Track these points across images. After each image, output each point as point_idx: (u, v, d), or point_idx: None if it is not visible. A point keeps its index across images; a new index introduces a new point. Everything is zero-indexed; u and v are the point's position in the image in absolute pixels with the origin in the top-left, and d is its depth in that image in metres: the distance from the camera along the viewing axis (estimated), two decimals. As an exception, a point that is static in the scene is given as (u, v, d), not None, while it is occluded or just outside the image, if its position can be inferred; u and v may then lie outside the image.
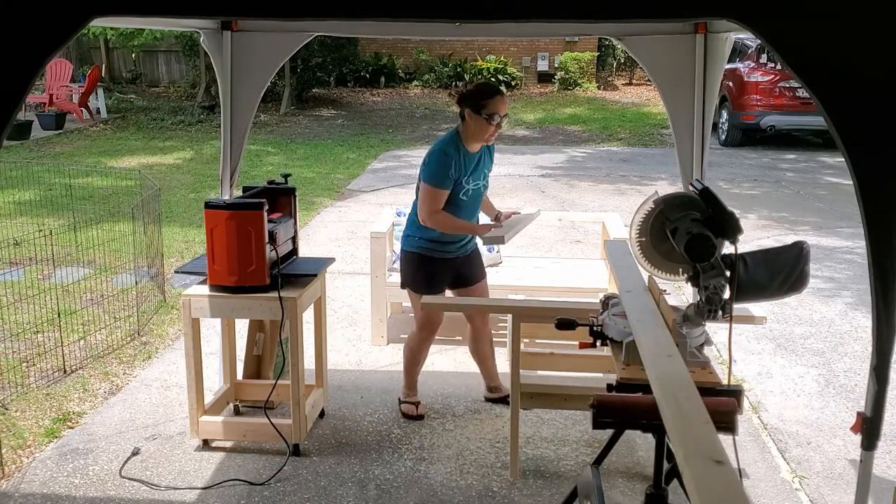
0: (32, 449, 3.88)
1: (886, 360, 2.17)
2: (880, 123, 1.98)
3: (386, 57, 20.17)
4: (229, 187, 4.24)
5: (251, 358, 4.32)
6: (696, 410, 1.76)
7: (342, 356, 5.04)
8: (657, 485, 2.53)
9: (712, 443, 1.61)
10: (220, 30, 4.00)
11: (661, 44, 3.95)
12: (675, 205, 2.83)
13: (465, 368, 4.86)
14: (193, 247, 7.27)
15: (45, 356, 4.89)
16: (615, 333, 2.82)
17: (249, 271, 3.57)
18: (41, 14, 1.97)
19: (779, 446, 3.99)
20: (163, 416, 4.22)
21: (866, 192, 2.03)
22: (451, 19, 2.81)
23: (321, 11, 2.11)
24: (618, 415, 2.30)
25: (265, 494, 3.50)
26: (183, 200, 9.31)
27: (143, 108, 16.84)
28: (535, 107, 17.91)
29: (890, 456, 3.88)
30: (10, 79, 2.00)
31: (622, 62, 21.73)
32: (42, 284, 6.07)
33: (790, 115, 12.80)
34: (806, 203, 9.56)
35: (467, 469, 3.72)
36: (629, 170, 11.65)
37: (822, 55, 1.95)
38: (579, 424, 4.13)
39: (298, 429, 3.76)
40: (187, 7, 2.11)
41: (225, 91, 4.09)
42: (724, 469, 1.52)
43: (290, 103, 17.17)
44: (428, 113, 17.36)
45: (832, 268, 6.90)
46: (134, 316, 5.48)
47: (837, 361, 5.01)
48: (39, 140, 13.50)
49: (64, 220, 7.80)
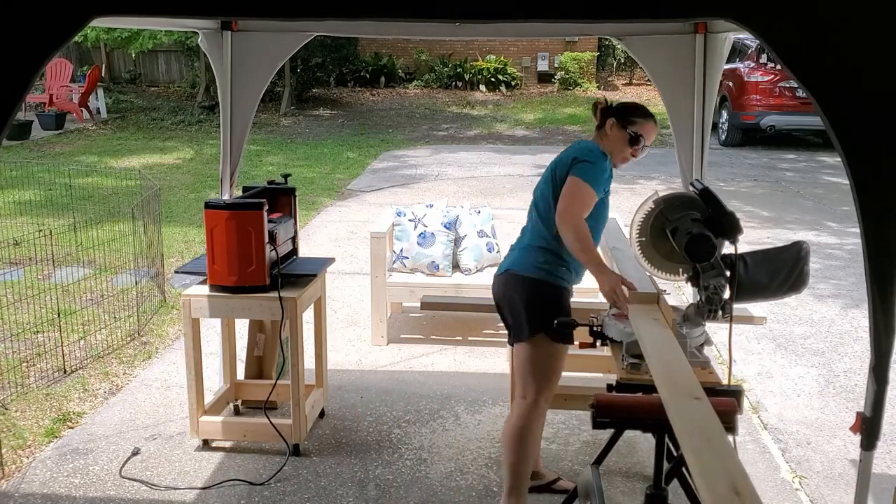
0: (32, 449, 3.88)
1: (885, 360, 2.17)
2: (878, 124, 1.98)
3: (386, 57, 20.17)
4: (229, 187, 4.25)
5: (253, 359, 4.33)
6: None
7: (342, 356, 5.04)
8: (657, 485, 2.54)
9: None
10: (220, 30, 4.00)
11: (661, 44, 3.95)
12: (674, 205, 2.83)
13: (465, 368, 4.87)
14: (193, 247, 7.27)
15: (45, 356, 4.89)
16: (615, 333, 2.82)
17: (249, 271, 3.57)
18: (41, 14, 1.96)
19: (779, 446, 3.99)
20: (163, 416, 4.22)
21: (863, 193, 2.03)
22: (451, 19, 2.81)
23: (321, 11, 2.11)
24: (618, 415, 2.30)
25: (265, 494, 3.50)
26: (183, 200, 9.31)
27: (143, 108, 16.84)
28: (535, 107, 17.91)
29: (890, 456, 3.88)
30: (9, 79, 2.00)
31: (622, 62, 21.74)
32: (42, 284, 6.07)
33: (790, 115, 12.80)
34: (806, 203, 9.56)
35: (467, 469, 3.72)
36: (629, 169, 11.64)
37: (819, 55, 1.95)
38: (579, 424, 4.13)
39: (298, 429, 3.76)
40: (187, 7, 2.11)
41: (224, 91, 4.09)
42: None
43: (289, 103, 17.17)
44: (428, 113, 17.36)
45: (833, 267, 6.90)
46: (134, 316, 5.48)
47: (837, 361, 5.02)
48: (39, 140, 13.50)
49: (64, 220, 7.80)
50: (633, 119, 3.13)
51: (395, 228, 5.29)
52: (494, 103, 18.36)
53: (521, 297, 3.05)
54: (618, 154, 3.15)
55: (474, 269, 5.22)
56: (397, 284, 5.16)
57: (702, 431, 1.79)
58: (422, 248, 5.16)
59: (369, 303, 5.24)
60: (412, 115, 17.07)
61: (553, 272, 3.05)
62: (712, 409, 1.91)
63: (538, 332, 3.00)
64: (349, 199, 9.71)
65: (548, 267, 3.04)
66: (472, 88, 19.67)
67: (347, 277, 6.55)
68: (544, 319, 2.94)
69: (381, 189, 10.28)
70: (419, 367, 4.91)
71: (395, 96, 19.30)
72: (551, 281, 3.05)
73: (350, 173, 11.28)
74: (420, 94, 19.46)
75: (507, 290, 3.10)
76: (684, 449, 1.76)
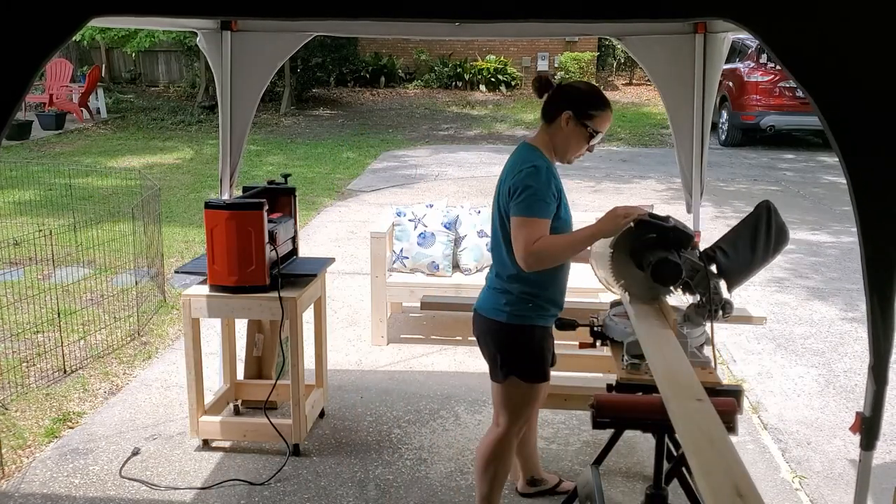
0: (32, 449, 3.88)
1: (884, 360, 2.17)
2: (875, 124, 1.98)
3: (386, 57, 20.17)
4: (229, 187, 4.25)
5: (251, 359, 4.32)
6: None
7: (342, 356, 5.04)
8: (657, 485, 2.54)
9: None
10: (219, 30, 4.00)
11: (661, 44, 3.95)
12: (626, 242, 2.76)
13: (465, 368, 4.87)
14: (193, 247, 7.27)
15: (45, 356, 4.89)
16: (616, 334, 2.82)
17: (249, 271, 3.57)
18: (40, 13, 1.96)
19: (779, 446, 3.99)
20: (163, 416, 4.22)
21: (860, 193, 2.03)
22: (451, 19, 2.81)
23: (321, 11, 2.11)
24: (618, 415, 2.30)
25: (265, 494, 3.50)
26: (183, 200, 9.31)
27: (142, 108, 16.84)
28: (536, 107, 17.88)
29: (890, 456, 3.88)
30: (8, 78, 2.00)
31: (622, 62, 21.74)
32: (42, 284, 6.07)
33: (790, 115, 12.80)
34: (806, 203, 9.55)
35: (467, 469, 3.72)
36: (629, 170, 11.64)
37: (818, 55, 1.95)
38: (579, 424, 4.13)
39: (298, 429, 3.76)
40: (187, 7, 2.11)
41: (224, 91, 4.09)
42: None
43: (289, 103, 17.17)
44: (428, 113, 17.36)
45: (833, 267, 6.90)
46: (134, 316, 5.48)
47: (837, 361, 5.02)
48: (39, 140, 13.50)
49: (64, 220, 7.80)
50: (591, 113, 2.82)
51: (395, 228, 5.29)
52: (494, 103, 18.36)
53: (492, 341, 2.94)
54: (573, 150, 2.89)
55: (474, 269, 5.22)
56: (397, 284, 5.16)
57: (704, 432, 1.79)
58: (422, 248, 5.16)
59: (369, 303, 5.25)
60: (412, 115, 17.07)
61: (517, 313, 2.86)
62: (714, 411, 1.92)
63: (510, 376, 2.91)
64: (349, 199, 9.71)
65: (509, 309, 2.87)
66: (472, 88, 19.67)
67: (347, 277, 6.54)
68: (516, 364, 2.89)
69: (381, 189, 10.28)
70: (419, 367, 4.91)
71: (395, 96, 19.29)
72: (518, 323, 2.87)
73: (350, 173, 11.28)
74: (420, 94, 19.45)
75: (480, 332, 3.00)
76: (686, 450, 1.76)
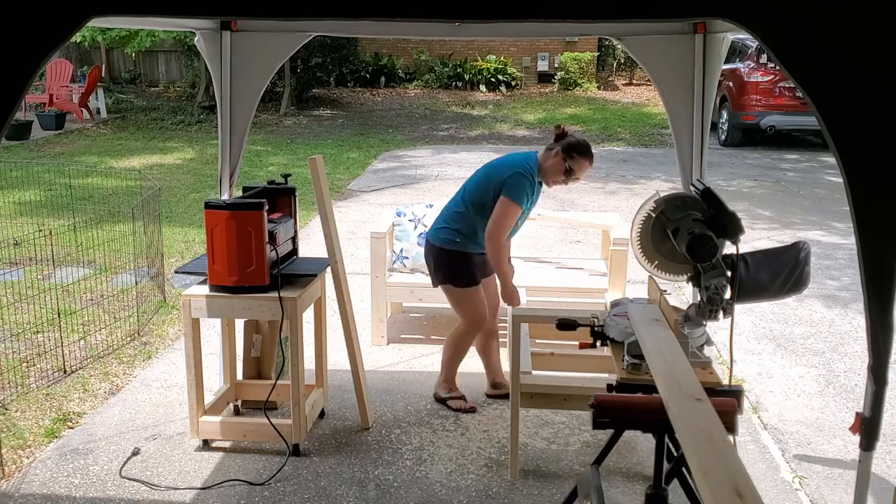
0: (32, 449, 3.88)
1: (883, 360, 2.17)
2: (873, 123, 1.98)
3: (386, 57, 20.17)
4: (229, 187, 4.25)
5: (250, 360, 4.32)
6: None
7: (342, 356, 5.02)
8: (657, 485, 2.53)
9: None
10: (219, 30, 4.00)
11: (661, 44, 3.95)
12: (675, 205, 2.83)
13: (465, 368, 4.85)
14: (193, 247, 7.27)
15: (45, 356, 4.89)
16: (616, 334, 2.82)
17: (249, 271, 3.57)
18: (39, 13, 1.96)
19: (779, 446, 3.99)
20: (163, 416, 4.22)
21: (857, 191, 2.03)
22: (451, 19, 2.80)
23: (321, 11, 2.11)
24: (618, 415, 2.30)
25: (265, 494, 3.50)
26: (183, 200, 9.31)
27: (142, 108, 16.84)
28: (536, 107, 17.91)
29: (890, 456, 3.88)
30: (7, 78, 2.00)
31: (622, 62, 21.74)
32: (42, 284, 6.07)
33: (790, 115, 12.79)
34: (806, 203, 9.56)
35: (467, 469, 3.72)
36: (629, 170, 11.65)
37: (816, 55, 1.95)
38: (579, 424, 4.13)
39: (298, 429, 3.76)
40: (187, 7, 2.11)
41: (224, 91, 4.09)
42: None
43: (289, 103, 17.17)
44: (428, 113, 17.36)
45: (833, 267, 6.90)
46: (134, 316, 5.48)
47: (837, 361, 5.01)
48: (39, 140, 13.50)
49: (64, 220, 7.79)
50: (573, 155, 3.91)
51: (395, 228, 5.29)
52: (495, 103, 18.36)
53: (432, 259, 4.20)
54: (552, 176, 3.98)
55: (474, 269, 5.22)
56: (397, 284, 5.16)
57: (704, 432, 1.79)
58: (422, 248, 5.15)
59: (369, 303, 5.25)
60: (412, 116, 17.07)
61: (452, 242, 4.09)
62: (714, 411, 1.91)
63: (445, 283, 4.16)
64: (349, 200, 9.71)
65: (448, 239, 4.10)
66: (473, 88, 19.67)
67: (347, 277, 6.52)
68: (447, 274, 4.14)
69: (382, 189, 10.28)
70: (419, 367, 4.91)
71: (396, 96, 19.30)
72: (450, 248, 4.10)
73: (350, 173, 11.28)
74: (420, 94, 19.46)
75: (426, 255, 4.26)
76: (686, 450, 1.76)
